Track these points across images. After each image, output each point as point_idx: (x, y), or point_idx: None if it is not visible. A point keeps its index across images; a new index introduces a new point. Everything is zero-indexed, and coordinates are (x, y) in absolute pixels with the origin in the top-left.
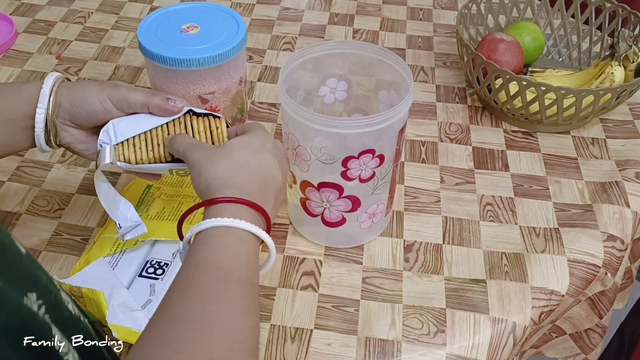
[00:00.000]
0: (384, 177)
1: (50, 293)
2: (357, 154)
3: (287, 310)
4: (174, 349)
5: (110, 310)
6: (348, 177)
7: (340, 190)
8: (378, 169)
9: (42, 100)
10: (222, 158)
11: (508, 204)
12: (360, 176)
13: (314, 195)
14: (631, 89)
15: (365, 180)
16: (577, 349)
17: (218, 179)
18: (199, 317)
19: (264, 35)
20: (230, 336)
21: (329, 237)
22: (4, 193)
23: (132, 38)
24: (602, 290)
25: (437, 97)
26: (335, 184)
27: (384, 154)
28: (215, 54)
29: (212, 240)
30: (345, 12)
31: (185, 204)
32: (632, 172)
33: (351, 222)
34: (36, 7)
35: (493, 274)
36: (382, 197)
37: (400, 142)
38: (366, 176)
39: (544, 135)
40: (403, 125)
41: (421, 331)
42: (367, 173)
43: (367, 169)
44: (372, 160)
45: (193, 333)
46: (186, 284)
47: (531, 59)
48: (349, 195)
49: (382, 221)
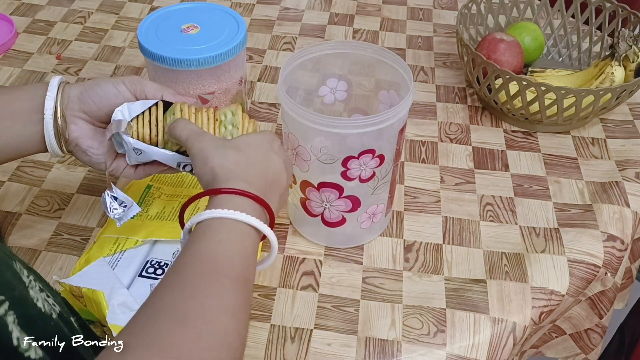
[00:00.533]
0: (384, 177)
1: (13, 289)
2: (357, 154)
3: (287, 310)
4: (147, 343)
5: (110, 310)
6: (348, 177)
7: (340, 190)
8: (378, 169)
9: (51, 89)
10: (232, 150)
11: (508, 204)
12: (360, 176)
13: (314, 195)
14: (631, 89)
15: (365, 180)
16: (577, 349)
17: (226, 169)
18: (178, 311)
19: (264, 35)
20: (209, 335)
21: (329, 237)
22: (4, 193)
23: (132, 38)
24: (602, 290)
25: (437, 97)
26: (335, 184)
27: (384, 154)
28: (215, 54)
29: (211, 233)
30: (345, 12)
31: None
32: (632, 172)
33: (351, 222)
34: (36, 7)
35: (493, 274)
36: (382, 197)
37: (400, 142)
38: (366, 176)
39: (544, 135)
40: (403, 125)
41: (421, 331)
42: (367, 173)
43: (367, 169)
44: (372, 160)
45: (168, 327)
46: (175, 276)
47: (531, 59)
48: (349, 195)
49: (382, 221)
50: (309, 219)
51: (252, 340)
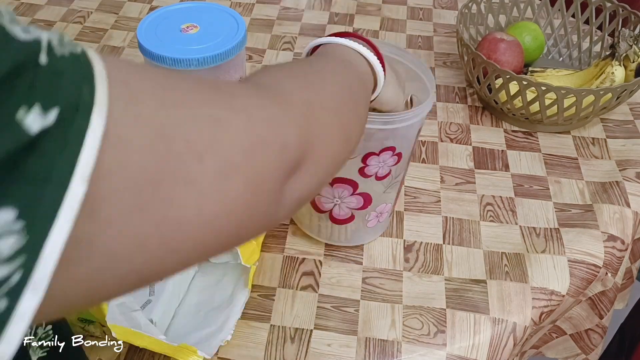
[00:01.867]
0: (398, 175)
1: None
2: (378, 151)
3: (286, 311)
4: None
5: (109, 310)
6: (365, 174)
7: (354, 187)
8: (395, 167)
9: None
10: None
11: (508, 204)
12: (377, 173)
13: (326, 191)
14: (631, 88)
15: (381, 178)
16: (577, 349)
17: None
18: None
19: (264, 35)
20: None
21: (332, 234)
22: None
23: (132, 38)
24: (603, 290)
25: (437, 97)
26: (351, 180)
27: (402, 152)
28: (215, 53)
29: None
30: (345, 11)
31: None
32: (632, 172)
33: (359, 220)
34: (36, 6)
35: (493, 274)
36: (391, 196)
37: (417, 140)
38: (383, 174)
39: (544, 135)
40: (422, 124)
41: (421, 331)
42: (384, 171)
43: (385, 166)
44: (391, 158)
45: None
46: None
47: (531, 58)
48: (362, 193)
49: (386, 221)
50: (316, 214)
51: (251, 340)
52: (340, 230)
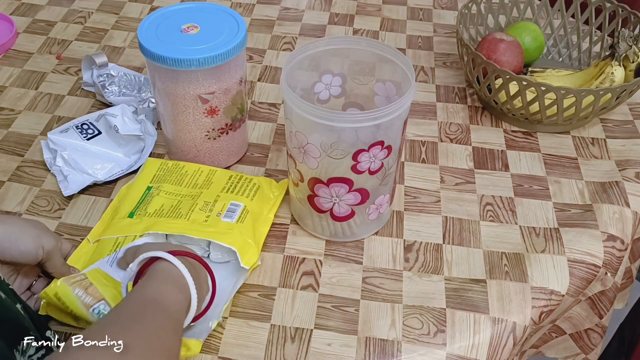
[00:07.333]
0: (391, 167)
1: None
2: (367, 147)
3: (287, 310)
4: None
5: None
6: (358, 170)
7: (350, 184)
8: (386, 159)
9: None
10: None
11: (508, 204)
12: (369, 168)
13: (323, 191)
14: (631, 89)
15: (374, 172)
16: (577, 348)
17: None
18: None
19: (264, 35)
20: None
21: (335, 232)
22: (4, 193)
23: (132, 38)
24: (602, 290)
25: (437, 97)
26: (345, 178)
27: (391, 144)
28: (215, 54)
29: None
30: (345, 12)
31: (184, 202)
32: (632, 172)
33: (360, 215)
34: (36, 7)
35: (493, 274)
36: (388, 187)
37: (404, 131)
38: (375, 168)
39: (544, 135)
40: (408, 114)
41: (421, 331)
42: (376, 165)
43: (376, 160)
44: (381, 152)
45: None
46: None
47: (531, 59)
48: (359, 188)
49: (387, 211)
50: (317, 214)
51: (252, 340)
52: (344, 226)
